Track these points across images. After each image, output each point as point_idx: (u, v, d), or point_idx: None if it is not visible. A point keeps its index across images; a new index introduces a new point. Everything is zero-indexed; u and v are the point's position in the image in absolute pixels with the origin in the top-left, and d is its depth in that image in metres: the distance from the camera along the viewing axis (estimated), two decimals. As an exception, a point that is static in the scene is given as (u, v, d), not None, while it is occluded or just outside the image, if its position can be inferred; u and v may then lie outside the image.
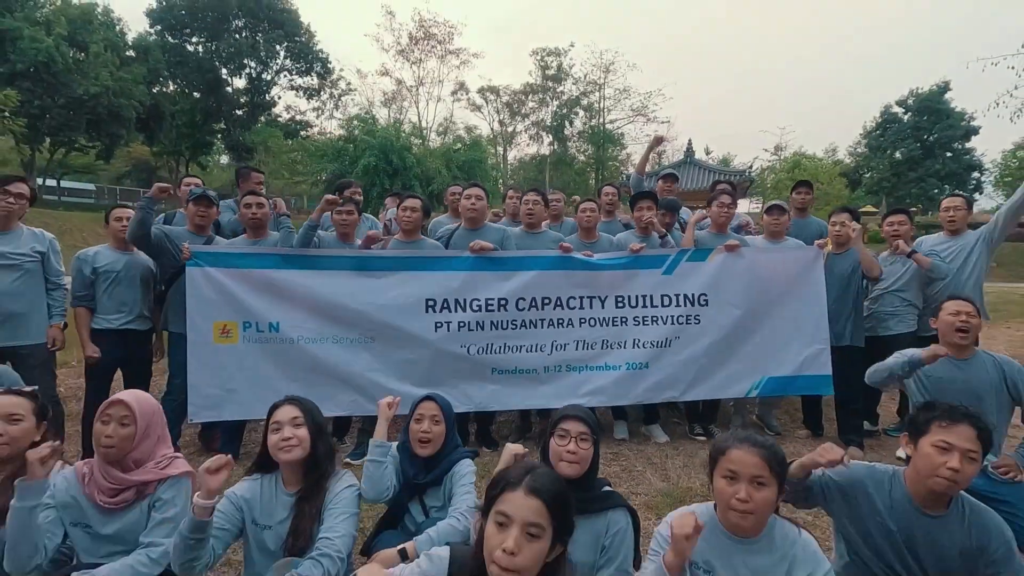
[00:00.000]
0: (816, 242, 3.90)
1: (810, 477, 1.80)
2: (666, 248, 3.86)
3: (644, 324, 3.66)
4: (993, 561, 1.67)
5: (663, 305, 3.67)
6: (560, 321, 3.61)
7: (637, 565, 1.83)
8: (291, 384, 3.26)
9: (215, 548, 1.71)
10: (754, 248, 3.87)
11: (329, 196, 3.58)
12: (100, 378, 3.36)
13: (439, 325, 3.49)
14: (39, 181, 33.54)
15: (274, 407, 1.92)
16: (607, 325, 3.64)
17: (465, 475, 2.09)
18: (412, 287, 3.49)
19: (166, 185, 3.32)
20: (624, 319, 3.65)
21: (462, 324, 3.51)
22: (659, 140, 5.69)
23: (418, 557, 1.40)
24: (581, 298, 3.63)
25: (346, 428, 3.88)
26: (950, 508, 1.74)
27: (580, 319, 3.63)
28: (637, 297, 3.67)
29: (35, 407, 1.90)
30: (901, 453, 2.08)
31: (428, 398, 2.14)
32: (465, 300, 3.53)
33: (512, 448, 1.88)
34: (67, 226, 26.20)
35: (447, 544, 1.45)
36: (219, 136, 43.26)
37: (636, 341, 3.64)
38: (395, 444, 2.18)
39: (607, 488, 1.88)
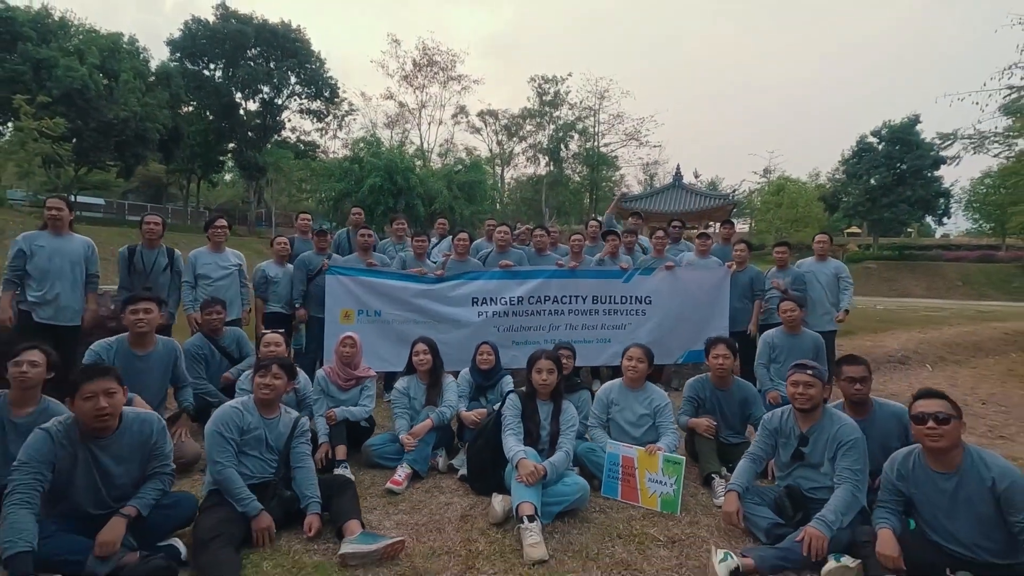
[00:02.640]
0: (727, 264, 5.93)
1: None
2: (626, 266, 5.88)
3: (609, 314, 5.68)
4: (751, 405, 3.77)
5: (622, 303, 5.69)
6: (556, 311, 5.63)
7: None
8: (388, 349, 5.23)
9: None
10: (682, 267, 5.88)
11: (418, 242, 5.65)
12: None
13: (480, 314, 5.49)
14: (63, 198, 35.52)
15: (414, 343, 3.92)
16: (585, 315, 5.65)
17: (508, 383, 4.09)
18: (463, 290, 5.50)
19: None
20: (596, 311, 5.67)
21: (494, 313, 5.51)
22: (623, 196, 7.71)
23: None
24: (570, 297, 5.65)
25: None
26: (731, 387, 3.83)
27: (568, 310, 5.64)
28: (606, 297, 5.69)
29: (289, 355, 3.87)
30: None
31: (485, 343, 4.16)
32: (496, 297, 5.53)
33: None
34: (98, 239, 27.93)
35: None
36: (229, 155, 45.02)
37: (603, 325, 5.65)
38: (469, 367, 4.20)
39: (580, 381, 3.93)
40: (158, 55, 37.62)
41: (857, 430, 2.76)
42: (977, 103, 10.51)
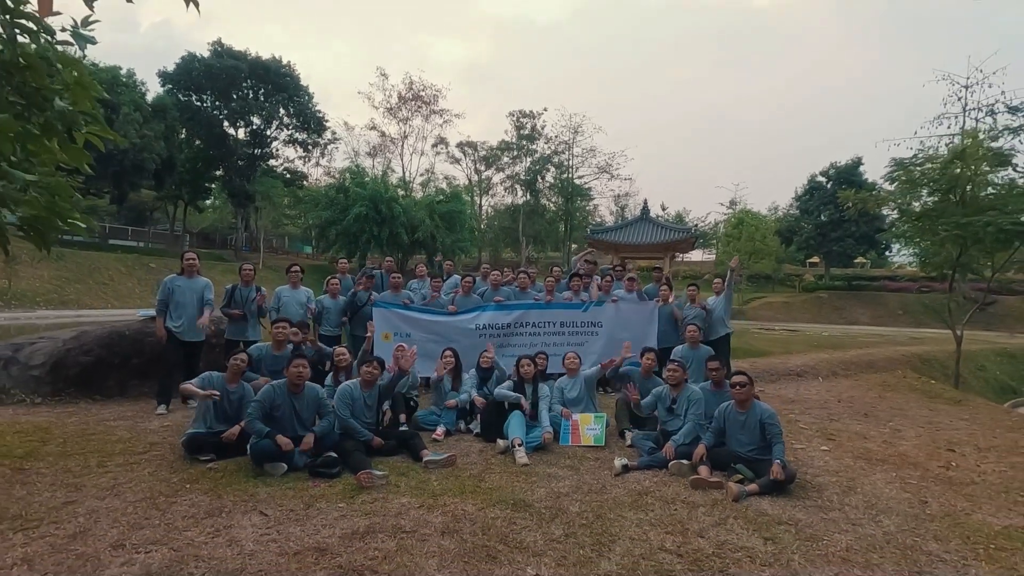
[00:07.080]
0: (655, 299, 8.25)
1: (620, 368, 6.08)
2: (584, 300, 8.16)
3: (572, 335, 7.92)
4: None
5: (580, 327, 7.95)
6: (534, 333, 7.85)
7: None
8: (416, 362, 7.34)
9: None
10: (623, 301, 8.17)
11: (435, 282, 7.85)
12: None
13: (480, 335, 7.67)
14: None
15: (444, 350, 6.10)
16: (556, 335, 7.88)
17: (507, 374, 6.27)
18: (468, 319, 7.71)
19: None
20: (563, 332, 7.91)
21: (491, 335, 7.70)
22: (583, 256, 10.21)
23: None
24: (544, 323, 7.89)
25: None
26: (652, 379, 6.08)
27: (543, 332, 7.87)
28: (570, 322, 7.94)
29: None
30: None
31: (486, 351, 6.37)
32: (492, 324, 7.75)
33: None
34: (96, 265, 29.21)
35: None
36: (217, 182, 46.37)
37: (568, 343, 7.86)
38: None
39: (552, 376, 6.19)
40: (138, 73, 38.23)
41: (700, 394, 5.05)
42: (911, 148, 12.47)
